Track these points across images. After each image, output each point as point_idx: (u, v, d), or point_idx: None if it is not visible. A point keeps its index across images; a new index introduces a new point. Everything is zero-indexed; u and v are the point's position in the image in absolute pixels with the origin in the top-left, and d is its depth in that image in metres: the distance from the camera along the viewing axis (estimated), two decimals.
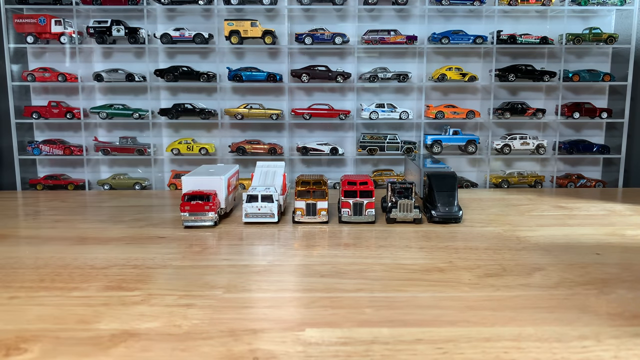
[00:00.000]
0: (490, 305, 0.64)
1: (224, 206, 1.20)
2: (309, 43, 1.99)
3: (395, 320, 0.60)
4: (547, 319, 0.60)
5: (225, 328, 0.57)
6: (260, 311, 0.62)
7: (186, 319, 0.59)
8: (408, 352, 0.52)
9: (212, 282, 0.72)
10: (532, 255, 0.86)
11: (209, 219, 1.12)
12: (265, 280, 0.73)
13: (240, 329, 0.57)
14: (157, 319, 0.59)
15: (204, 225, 1.12)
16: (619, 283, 0.72)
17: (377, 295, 0.67)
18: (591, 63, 2.13)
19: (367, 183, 1.08)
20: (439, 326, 0.58)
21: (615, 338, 0.55)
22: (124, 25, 1.95)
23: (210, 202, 1.13)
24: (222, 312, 0.62)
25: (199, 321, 0.59)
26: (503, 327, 0.58)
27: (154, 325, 0.57)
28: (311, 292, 0.69)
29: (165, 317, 0.59)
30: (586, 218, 1.15)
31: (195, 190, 1.17)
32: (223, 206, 1.19)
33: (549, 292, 0.69)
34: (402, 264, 0.81)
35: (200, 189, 1.18)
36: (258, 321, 0.59)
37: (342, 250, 0.88)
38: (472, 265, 0.80)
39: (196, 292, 0.68)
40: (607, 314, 0.61)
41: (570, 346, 0.53)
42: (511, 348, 0.53)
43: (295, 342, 0.54)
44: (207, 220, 1.12)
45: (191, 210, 1.12)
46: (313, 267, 0.79)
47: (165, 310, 0.61)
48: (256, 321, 0.59)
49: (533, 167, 2.16)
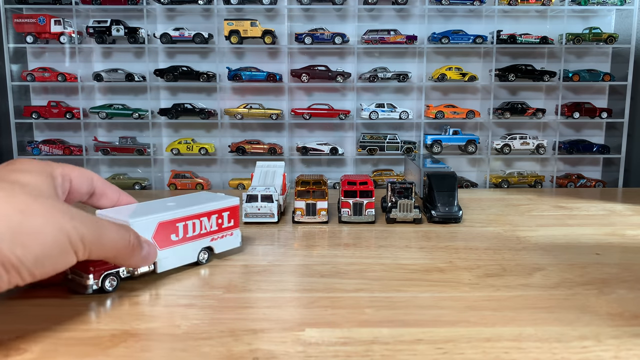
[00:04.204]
0: (491, 306, 0.64)
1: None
2: (309, 43, 1.99)
3: (395, 320, 0.59)
4: (547, 319, 0.60)
5: (225, 328, 0.57)
6: (260, 311, 0.62)
7: (186, 319, 0.59)
8: (408, 352, 0.52)
9: (212, 282, 0.72)
10: (532, 255, 0.86)
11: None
12: (265, 280, 0.73)
13: (240, 329, 0.57)
14: (157, 319, 0.59)
15: None
16: (619, 283, 0.72)
17: (377, 295, 0.67)
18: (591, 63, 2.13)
19: (367, 183, 1.08)
20: (439, 326, 0.58)
21: (615, 338, 0.55)
22: (123, 25, 1.95)
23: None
24: (222, 312, 0.62)
25: (199, 321, 0.59)
26: (503, 327, 0.58)
27: (154, 325, 0.57)
28: (311, 292, 0.69)
29: (165, 317, 0.59)
30: (586, 218, 1.15)
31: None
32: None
33: (549, 292, 0.69)
34: (402, 264, 0.81)
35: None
36: (258, 321, 0.59)
37: (342, 250, 0.88)
38: (472, 265, 0.80)
39: (196, 292, 0.68)
40: (607, 314, 0.61)
41: (570, 346, 0.53)
42: (511, 348, 0.53)
43: (295, 342, 0.54)
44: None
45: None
46: (313, 267, 0.79)
47: (165, 310, 0.61)
48: (256, 321, 0.59)
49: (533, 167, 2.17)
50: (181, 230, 0.70)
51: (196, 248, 0.74)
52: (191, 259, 0.74)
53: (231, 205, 0.78)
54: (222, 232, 0.77)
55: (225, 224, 0.77)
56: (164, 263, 0.69)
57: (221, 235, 0.77)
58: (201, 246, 0.75)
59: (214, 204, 0.75)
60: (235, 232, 0.80)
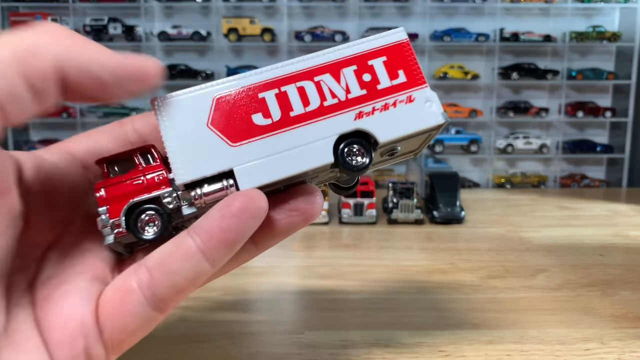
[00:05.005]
0: (493, 308, 0.63)
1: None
2: (309, 41, 1.99)
3: (396, 322, 0.59)
4: (550, 321, 0.59)
5: (222, 331, 0.56)
6: (259, 313, 0.61)
7: (184, 321, 0.58)
8: (409, 355, 0.51)
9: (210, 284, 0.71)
10: (535, 256, 0.85)
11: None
12: (264, 282, 0.72)
13: (238, 332, 0.56)
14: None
15: None
16: (623, 284, 0.71)
17: (378, 297, 0.67)
18: (595, 61, 2.12)
19: (368, 183, 1.07)
20: (440, 329, 0.57)
21: (619, 340, 0.54)
22: (121, 23, 1.95)
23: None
24: (220, 315, 0.61)
25: (196, 323, 0.58)
26: (506, 330, 0.57)
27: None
28: (311, 294, 0.68)
29: (163, 320, 0.58)
30: (589, 219, 1.14)
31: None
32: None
33: (552, 293, 0.68)
34: (403, 265, 0.80)
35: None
36: (256, 324, 0.58)
37: (342, 252, 0.88)
38: (474, 267, 0.79)
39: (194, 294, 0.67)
40: (610, 315, 0.61)
41: (573, 348, 0.53)
42: (514, 351, 0.52)
43: (295, 345, 0.53)
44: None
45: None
46: (313, 269, 0.78)
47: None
48: (254, 324, 0.58)
49: (536, 166, 2.16)
50: (275, 105, 0.33)
51: (322, 135, 0.33)
52: (316, 159, 0.32)
53: (391, 42, 0.35)
54: (380, 97, 0.34)
55: (384, 81, 0.34)
56: (247, 175, 0.31)
57: (382, 105, 0.34)
58: (334, 130, 0.33)
59: (349, 47, 0.35)
60: (419, 96, 0.35)
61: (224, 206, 0.29)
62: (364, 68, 0.35)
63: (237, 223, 0.28)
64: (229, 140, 0.31)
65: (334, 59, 0.35)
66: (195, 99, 0.32)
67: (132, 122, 0.35)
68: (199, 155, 0.30)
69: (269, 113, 0.32)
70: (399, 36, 0.36)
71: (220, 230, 0.28)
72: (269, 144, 0.32)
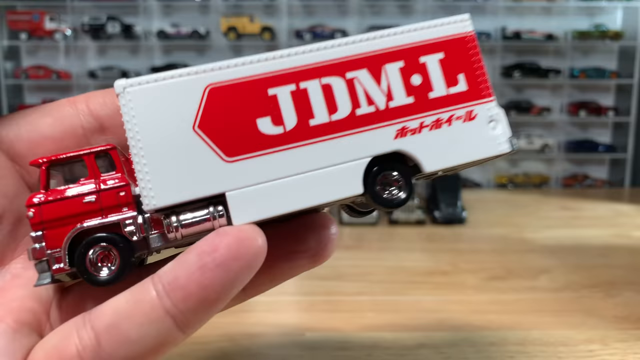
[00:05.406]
0: (495, 309, 0.63)
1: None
2: (309, 40, 1.98)
3: (397, 324, 0.58)
4: (553, 322, 0.59)
5: (223, 332, 0.56)
6: (259, 315, 0.61)
7: None
8: (410, 357, 0.51)
9: None
10: (537, 257, 0.85)
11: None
12: None
13: (238, 333, 0.56)
14: None
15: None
16: (626, 285, 0.71)
17: (379, 299, 0.66)
18: (597, 60, 2.11)
19: None
20: (442, 330, 0.57)
21: (622, 342, 0.54)
22: (119, 21, 1.94)
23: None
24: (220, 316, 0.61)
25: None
26: (508, 331, 0.57)
27: None
28: (311, 295, 0.68)
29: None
30: (592, 219, 1.13)
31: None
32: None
33: (555, 295, 0.68)
34: (404, 266, 0.80)
35: None
36: (256, 325, 0.58)
37: (343, 252, 0.87)
38: (476, 268, 0.79)
39: None
40: (613, 317, 0.60)
41: (576, 350, 0.52)
42: (516, 352, 0.52)
43: (295, 347, 0.53)
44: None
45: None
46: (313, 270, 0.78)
47: None
48: (255, 325, 0.58)
49: (538, 166, 2.15)
50: (290, 107, 0.23)
51: (350, 156, 0.24)
52: (339, 188, 0.23)
53: (451, 35, 0.27)
54: (432, 109, 0.25)
55: (439, 88, 0.25)
56: (244, 203, 0.22)
57: (434, 120, 0.25)
58: (367, 151, 0.24)
59: (396, 35, 0.25)
60: (482, 113, 0.25)
61: (206, 250, 0.20)
62: (413, 66, 0.25)
63: (222, 276, 0.20)
64: (223, 153, 0.22)
65: (376, 49, 0.25)
66: (179, 86, 0.21)
67: (87, 100, 0.26)
68: (180, 170, 0.21)
69: (281, 118, 0.23)
70: (462, 26, 0.28)
71: (199, 287, 0.20)
72: (278, 163, 0.22)
